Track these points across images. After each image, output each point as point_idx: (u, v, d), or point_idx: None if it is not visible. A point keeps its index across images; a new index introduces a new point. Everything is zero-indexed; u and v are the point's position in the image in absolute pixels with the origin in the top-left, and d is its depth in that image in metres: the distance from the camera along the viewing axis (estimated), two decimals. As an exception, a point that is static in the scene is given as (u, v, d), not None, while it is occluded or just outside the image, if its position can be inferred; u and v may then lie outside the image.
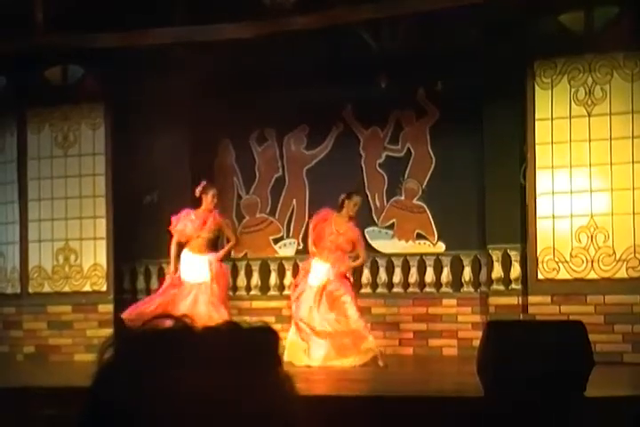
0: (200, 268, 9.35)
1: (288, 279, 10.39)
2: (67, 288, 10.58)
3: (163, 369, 0.88)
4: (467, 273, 10.06)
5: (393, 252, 10.17)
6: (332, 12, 8.89)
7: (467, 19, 9.18)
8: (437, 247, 10.25)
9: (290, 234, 10.71)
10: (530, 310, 9.22)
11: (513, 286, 9.65)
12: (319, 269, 9.18)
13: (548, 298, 9.13)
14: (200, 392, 0.87)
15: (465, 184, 9.96)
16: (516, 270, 9.64)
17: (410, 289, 10.26)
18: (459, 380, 7.53)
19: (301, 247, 10.43)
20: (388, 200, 10.42)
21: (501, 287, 9.71)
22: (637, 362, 8.46)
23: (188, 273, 9.35)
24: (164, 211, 9.83)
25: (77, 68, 10.51)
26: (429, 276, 10.18)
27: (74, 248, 10.57)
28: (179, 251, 9.45)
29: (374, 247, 10.20)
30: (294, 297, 9.26)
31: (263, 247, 10.80)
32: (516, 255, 9.62)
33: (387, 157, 10.47)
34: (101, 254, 10.47)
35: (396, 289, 10.29)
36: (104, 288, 10.45)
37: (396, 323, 10.16)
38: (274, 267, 10.70)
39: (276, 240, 10.80)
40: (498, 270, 9.72)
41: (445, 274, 10.13)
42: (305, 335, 9.03)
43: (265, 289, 10.71)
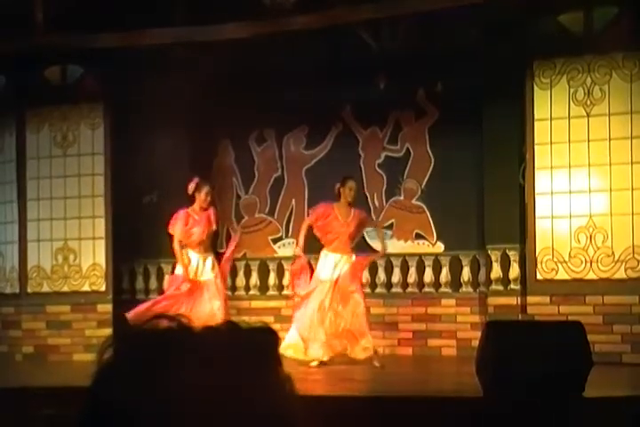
0: (207, 266, 9.39)
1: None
2: (66, 288, 10.57)
3: (162, 369, 0.88)
4: (466, 273, 10.06)
5: (392, 252, 10.16)
6: (332, 12, 8.89)
7: (467, 19, 9.18)
8: (436, 247, 10.25)
9: (289, 234, 10.70)
10: (529, 310, 9.22)
11: (512, 286, 9.65)
12: (329, 263, 9.15)
13: (546, 298, 9.13)
14: (200, 392, 0.87)
15: (464, 184, 9.95)
16: (514, 271, 9.63)
17: (409, 289, 10.26)
18: (458, 380, 7.54)
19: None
20: (387, 200, 10.42)
21: (500, 287, 9.71)
22: (636, 362, 8.45)
23: (197, 273, 9.36)
24: (163, 211, 9.82)
25: (77, 67, 10.50)
26: (428, 276, 10.18)
27: (73, 248, 10.56)
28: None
29: (373, 247, 10.20)
30: (303, 293, 9.10)
31: (262, 247, 10.79)
32: (514, 255, 9.62)
33: (386, 157, 10.47)
34: (100, 254, 10.46)
35: (394, 289, 10.29)
36: (103, 288, 10.45)
37: (394, 323, 10.16)
38: (273, 267, 10.70)
39: (275, 240, 10.80)
40: (497, 271, 9.72)
41: (444, 274, 10.13)
42: (307, 333, 8.96)
43: (264, 289, 10.71)
